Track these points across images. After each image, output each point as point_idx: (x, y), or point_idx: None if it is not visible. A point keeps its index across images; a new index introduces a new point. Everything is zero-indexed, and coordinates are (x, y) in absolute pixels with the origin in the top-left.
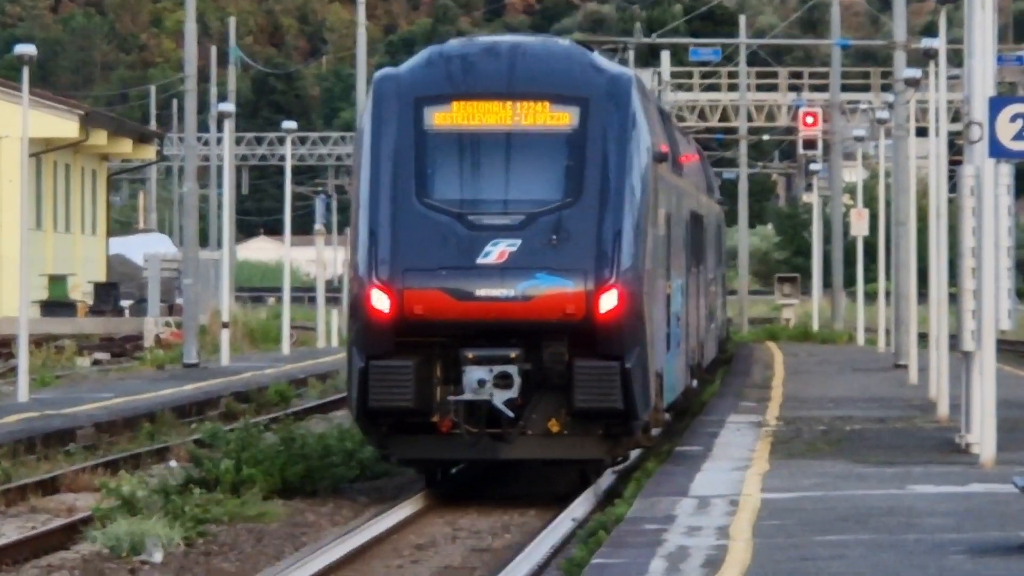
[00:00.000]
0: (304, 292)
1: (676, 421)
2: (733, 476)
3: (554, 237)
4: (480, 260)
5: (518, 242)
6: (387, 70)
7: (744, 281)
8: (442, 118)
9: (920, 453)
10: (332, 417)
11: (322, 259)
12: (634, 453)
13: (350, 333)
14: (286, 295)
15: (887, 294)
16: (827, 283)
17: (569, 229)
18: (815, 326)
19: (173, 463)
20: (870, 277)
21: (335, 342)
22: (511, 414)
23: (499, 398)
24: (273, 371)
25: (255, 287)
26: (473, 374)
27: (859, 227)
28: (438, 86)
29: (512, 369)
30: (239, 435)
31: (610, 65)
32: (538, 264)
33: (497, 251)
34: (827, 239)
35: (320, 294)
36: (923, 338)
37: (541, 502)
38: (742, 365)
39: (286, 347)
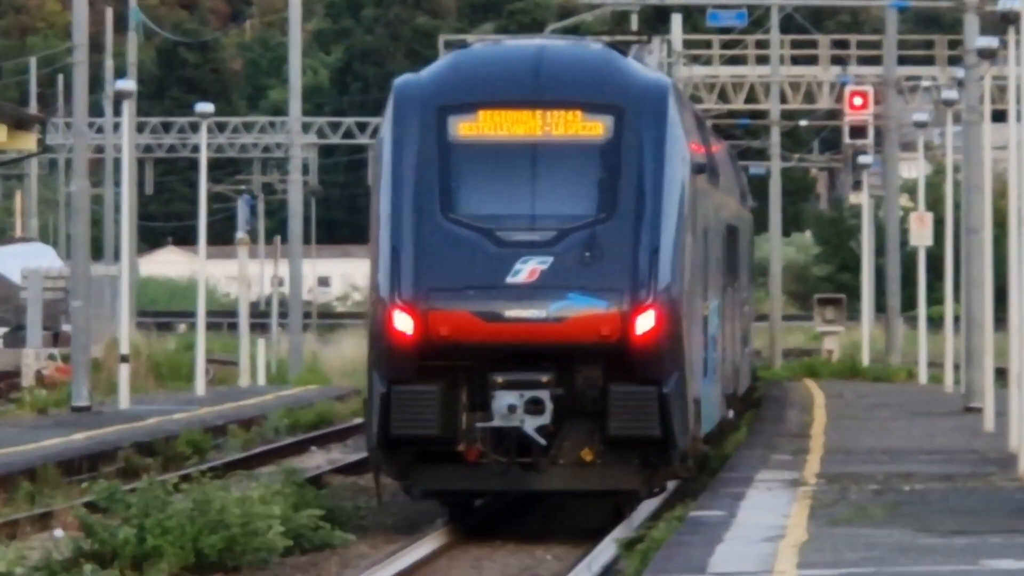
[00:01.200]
0: (223, 317)
1: (690, 480)
2: (762, 549)
3: (587, 254)
4: (509, 279)
5: (549, 260)
6: (408, 76)
7: (776, 303)
8: (468, 128)
9: (998, 519)
10: (259, 474)
11: (246, 276)
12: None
13: (370, 357)
14: (201, 321)
15: (956, 319)
16: (880, 306)
17: (603, 246)
18: (865, 360)
19: (59, 532)
20: (934, 298)
21: (262, 379)
22: (543, 442)
23: (530, 425)
24: (184, 416)
25: (162, 311)
26: (503, 399)
27: (920, 235)
28: (463, 94)
29: (544, 394)
30: (142, 497)
31: (645, 71)
32: (571, 283)
33: (527, 269)
34: (880, 250)
35: (243, 319)
36: (1001, 375)
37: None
38: (774, 408)
39: (200, 386)
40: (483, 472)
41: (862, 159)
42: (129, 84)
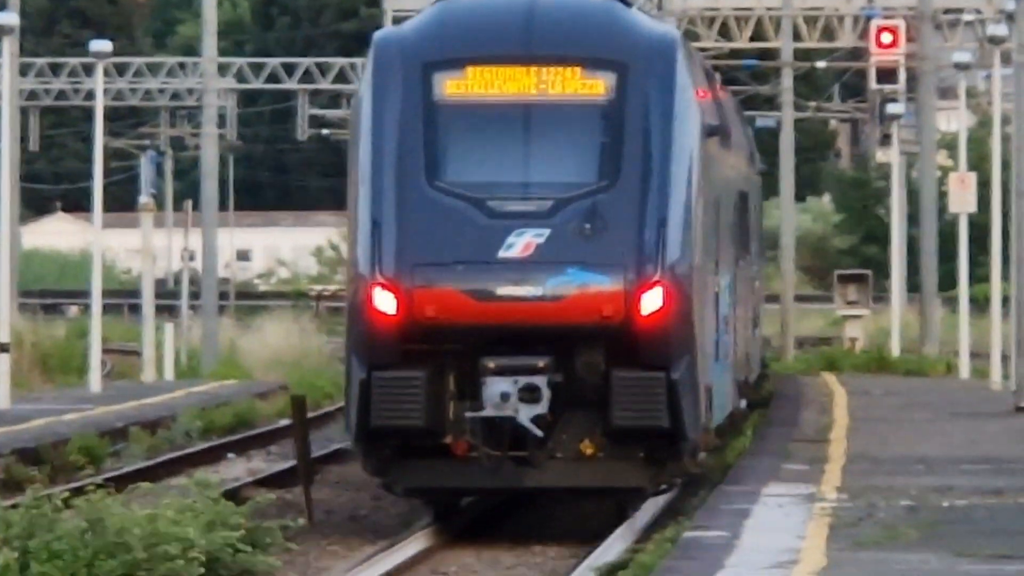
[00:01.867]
0: (124, 298)
1: (687, 493)
2: None
3: (588, 226)
4: (502, 253)
5: (546, 232)
6: (389, 29)
7: (789, 281)
8: (455, 86)
9: None
10: (166, 487)
11: (150, 248)
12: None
13: (348, 339)
14: (96, 303)
15: (1004, 301)
16: (913, 285)
17: (605, 217)
18: (895, 350)
19: None
20: (979, 276)
21: (169, 372)
22: (540, 433)
23: (525, 414)
24: (77, 417)
25: (49, 290)
26: (495, 387)
27: (962, 200)
28: (450, 49)
29: (540, 381)
30: (25, 514)
31: (652, 23)
32: (569, 258)
33: (522, 243)
34: (913, 219)
35: (147, 301)
36: None
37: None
38: (786, 409)
39: (96, 381)
40: (473, 468)
41: (891, 108)
42: (10, 17)
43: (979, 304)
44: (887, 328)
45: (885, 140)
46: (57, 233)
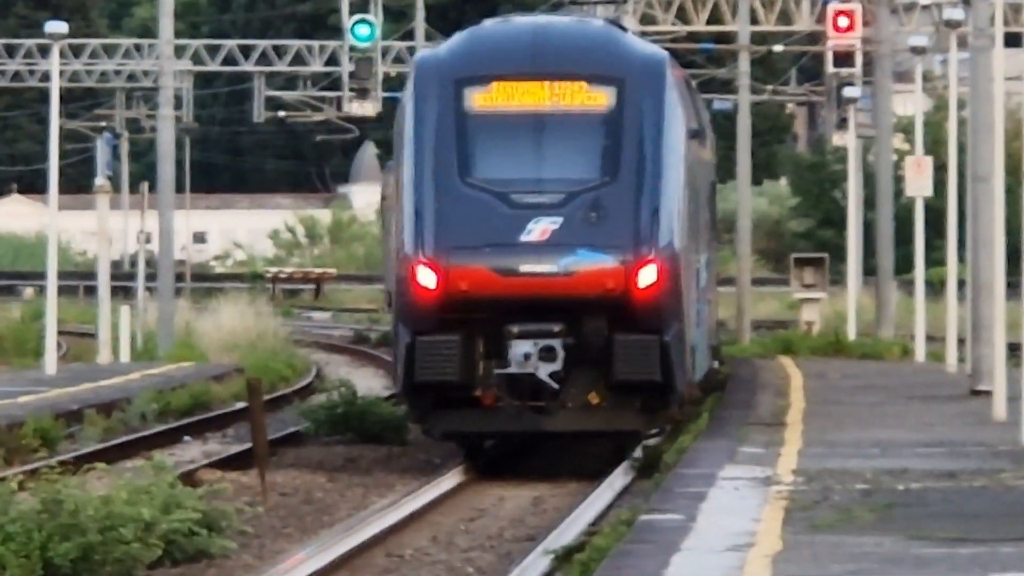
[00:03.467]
0: (79, 280)
1: (640, 477)
2: (727, 560)
3: (593, 215)
4: (523, 237)
5: (559, 220)
6: (427, 51)
7: (745, 264)
8: (482, 99)
9: (1010, 524)
10: (121, 469)
11: (106, 230)
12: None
13: (395, 309)
14: (51, 284)
15: (960, 285)
16: (869, 268)
17: (608, 207)
18: (851, 333)
19: None
20: (934, 259)
21: (125, 355)
22: (556, 386)
23: (543, 371)
24: (31, 400)
25: (4, 272)
26: (518, 348)
27: (918, 184)
28: (478, 67)
29: (556, 343)
30: None
31: (644, 45)
32: (579, 241)
33: (539, 229)
34: (869, 202)
35: (103, 283)
36: (1014, 351)
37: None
38: (742, 392)
39: (51, 364)
40: (498, 415)
41: (848, 92)
42: None
43: (935, 288)
44: (843, 311)
45: (842, 124)
46: (12, 215)
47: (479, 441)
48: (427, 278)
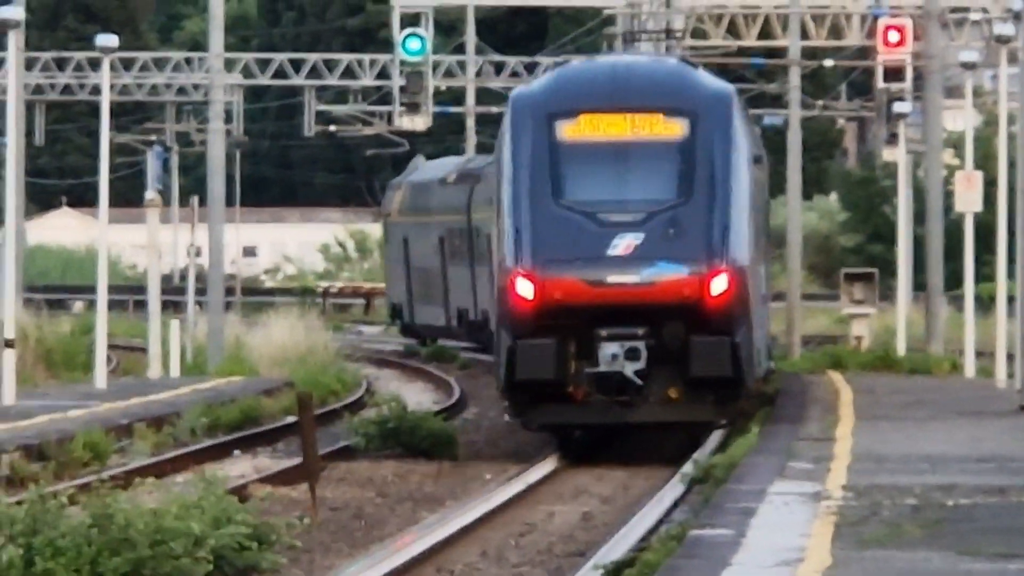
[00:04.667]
0: (129, 294)
1: (692, 493)
2: (777, 575)
3: (671, 231)
4: (609, 252)
5: (641, 236)
6: (522, 88)
7: (796, 280)
8: (571, 130)
9: None
10: (171, 483)
11: (156, 244)
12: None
13: (498, 317)
14: (101, 298)
15: (1010, 300)
16: (919, 283)
17: (684, 224)
18: (901, 348)
19: None
20: (984, 274)
21: (175, 369)
22: (640, 382)
23: (629, 369)
24: (82, 414)
25: (54, 285)
26: (607, 349)
27: (968, 199)
28: (567, 103)
29: (639, 344)
30: (30, 511)
31: (713, 80)
32: (658, 254)
33: (624, 244)
34: (919, 217)
35: (153, 296)
36: None
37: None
38: (792, 407)
39: (101, 378)
40: (588, 409)
41: (898, 107)
42: (16, 11)
43: (984, 303)
44: (893, 327)
45: (892, 139)
46: (62, 228)
47: (570, 433)
48: (525, 289)
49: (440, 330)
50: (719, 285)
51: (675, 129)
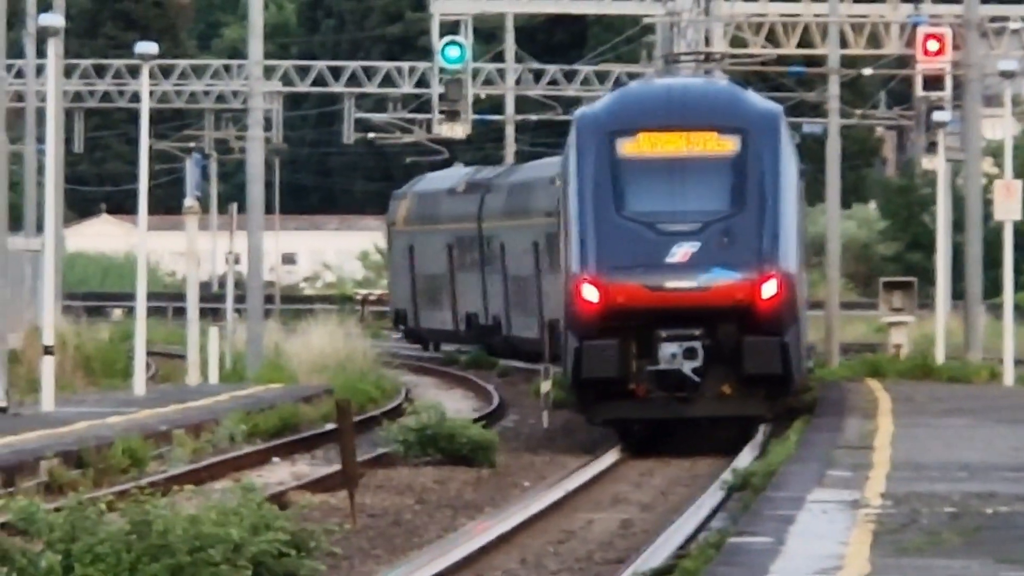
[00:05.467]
0: (168, 301)
1: (731, 500)
2: None
3: (725, 239)
4: (668, 259)
5: (697, 244)
6: (585, 109)
7: (834, 288)
8: (631, 147)
9: None
10: (210, 489)
11: (195, 251)
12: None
13: (565, 319)
14: (140, 305)
15: None
16: (957, 292)
17: (736, 233)
18: (939, 357)
19: None
20: (1023, 283)
21: (214, 376)
22: (697, 379)
23: (687, 367)
24: (120, 420)
25: (93, 293)
26: (667, 349)
27: (1007, 208)
28: (627, 122)
29: (696, 344)
30: (69, 517)
31: (761, 100)
32: (713, 261)
33: (681, 252)
34: (958, 225)
35: (192, 303)
36: None
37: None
38: (830, 415)
39: (140, 384)
40: (649, 404)
41: (937, 116)
42: (56, 19)
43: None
44: (932, 335)
45: (931, 147)
46: (101, 235)
47: (631, 427)
48: (591, 294)
49: (446, 334)
50: (769, 289)
51: (728, 145)
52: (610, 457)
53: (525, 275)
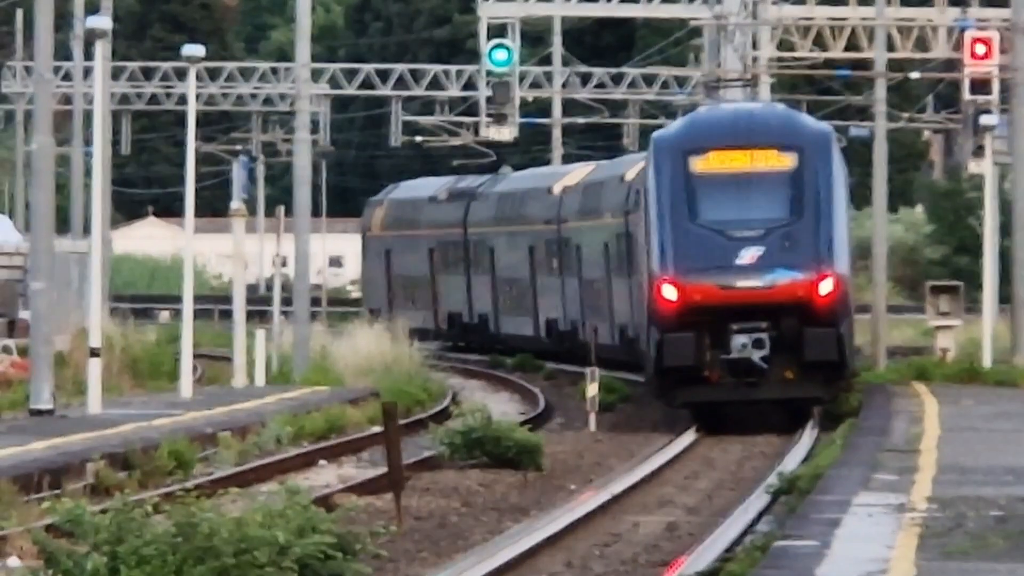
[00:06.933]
0: (215, 303)
1: (776, 504)
2: None
3: (787, 244)
4: (737, 261)
5: (762, 248)
6: (662, 131)
7: (881, 292)
8: (703, 164)
9: None
10: (255, 492)
11: (242, 254)
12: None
13: (647, 316)
14: (187, 308)
15: None
16: (1005, 296)
17: (796, 238)
18: (986, 360)
19: (14, 561)
20: None
21: (260, 378)
22: (764, 366)
23: (755, 356)
24: (167, 422)
25: (140, 295)
26: (738, 340)
27: None
28: (699, 141)
29: (764, 336)
30: (115, 519)
31: (814, 121)
32: (777, 263)
33: (748, 255)
34: (1005, 229)
35: (239, 306)
36: None
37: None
38: (876, 418)
39: (186, 386)
40: (722, 389)
41: (985, 119)
42: (103, 21)
43: None
44: (979, 339)
45: (978, 151)
46: (148, 238)
47: (705, 409)
48: (670, 292)
49: (427, 332)
50: (826, 287)
51: (787, 161)
52: (656, 460)
53: (517, 277)
